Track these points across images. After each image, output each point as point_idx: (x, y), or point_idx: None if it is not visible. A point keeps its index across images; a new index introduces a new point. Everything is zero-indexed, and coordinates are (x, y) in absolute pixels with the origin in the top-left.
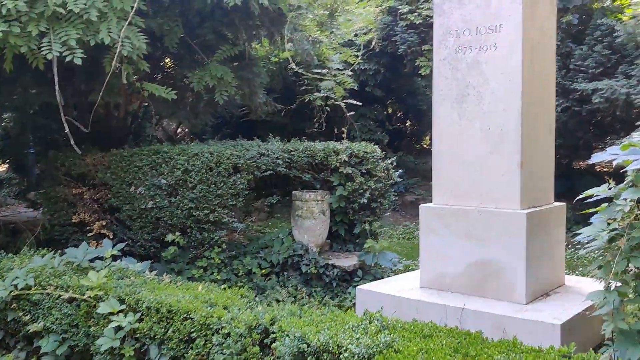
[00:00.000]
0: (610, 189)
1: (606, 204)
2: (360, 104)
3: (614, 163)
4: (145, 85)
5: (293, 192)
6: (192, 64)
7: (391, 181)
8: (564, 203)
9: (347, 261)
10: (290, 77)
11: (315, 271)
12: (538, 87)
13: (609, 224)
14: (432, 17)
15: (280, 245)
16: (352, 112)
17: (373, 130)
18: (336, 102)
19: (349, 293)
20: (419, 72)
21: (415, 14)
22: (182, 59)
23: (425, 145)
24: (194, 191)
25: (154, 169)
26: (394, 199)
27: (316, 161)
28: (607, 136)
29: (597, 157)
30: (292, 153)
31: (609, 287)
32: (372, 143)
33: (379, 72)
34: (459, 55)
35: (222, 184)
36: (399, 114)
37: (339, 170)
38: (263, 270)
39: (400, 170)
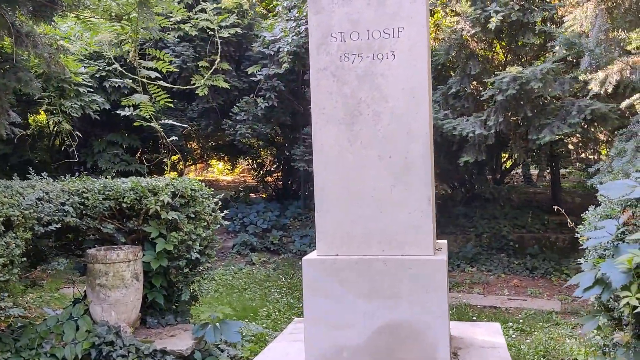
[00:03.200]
0: None
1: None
2: (186, 126)
3: None
4: None
5: (89, 252)
6: None
7: (217, 226)
8: (445, 240)
9: (178, 341)
10: None
11: None
12: (430, 104)
13: None
14: (210, 30)
15: (75, 332)
16: (174, 138)
17: (127, 161)
18: (150, 124)
19: None
20: (196, 92)
21: (189, 24)
22: None
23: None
24: None
25: None
26: (218, 247)
27: (124, 205)
28: None
29: (610, 189)
30: (84, 195)
31: None
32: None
33: (137, 91)
34: (346, 64)
35: None
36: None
37: (161, 217)
38: None
39: (226, 211)
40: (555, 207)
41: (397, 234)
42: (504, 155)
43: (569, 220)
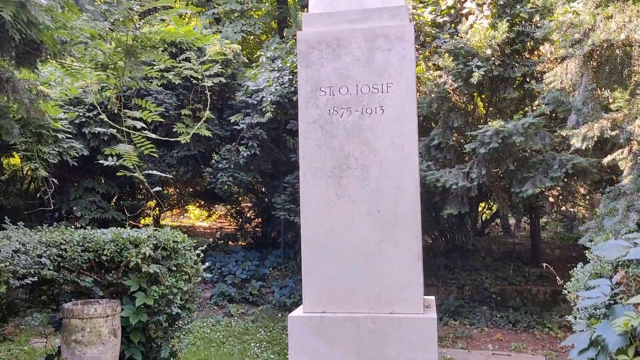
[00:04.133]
0: None
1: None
2: (170, 176)
3: None
4: None
5: (65, 306)
6: None
7: (199, 279)
8: (433, 297)
9: None
10: None
11: None
12: (417, 158)
13: None
14: (194, 79)
15: None
16: (158, 189)
17: (104, 208)
18: (132, 174)
19: None
20: (177, 139)
21: (173, 73)
22: None
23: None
24: None
25: None
26: (199, 300)
27: (104, 257)
28: None
29: (604, 249)
30: (63, 247)
31: None
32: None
33: (117, 139)
34: (335, 118)
35: None
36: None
37: (141, 270)
38: None
39: (207, 263)
40: (544, 264)
41: (386, 290)
42: (481, 205)
43: (557, 278)
